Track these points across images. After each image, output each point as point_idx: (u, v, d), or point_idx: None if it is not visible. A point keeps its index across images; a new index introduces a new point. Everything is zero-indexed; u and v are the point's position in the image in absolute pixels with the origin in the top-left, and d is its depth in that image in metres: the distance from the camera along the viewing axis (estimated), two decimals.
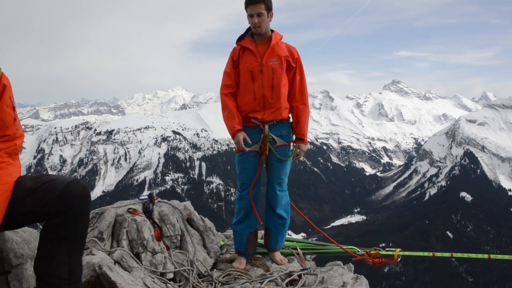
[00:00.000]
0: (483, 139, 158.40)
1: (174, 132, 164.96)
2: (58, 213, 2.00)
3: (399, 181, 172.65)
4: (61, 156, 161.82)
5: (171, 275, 3.47)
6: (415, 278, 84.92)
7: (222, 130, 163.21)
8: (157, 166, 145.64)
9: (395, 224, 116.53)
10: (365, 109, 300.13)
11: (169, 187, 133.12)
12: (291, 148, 3.95)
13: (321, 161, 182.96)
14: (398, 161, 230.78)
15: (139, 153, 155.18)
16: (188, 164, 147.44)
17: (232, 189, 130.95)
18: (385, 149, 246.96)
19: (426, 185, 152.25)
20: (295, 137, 3.95)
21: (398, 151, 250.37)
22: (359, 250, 4.24)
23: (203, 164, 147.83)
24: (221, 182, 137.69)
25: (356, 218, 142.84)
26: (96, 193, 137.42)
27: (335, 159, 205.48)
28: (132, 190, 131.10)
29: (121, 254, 3.24)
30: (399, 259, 4.01)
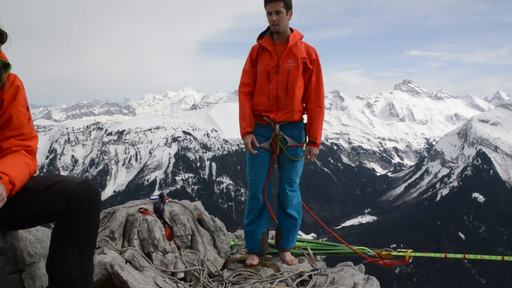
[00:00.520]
0: (496, 139, 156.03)
1: (184, 132, 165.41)
2: (68, 213, 2.04)
3: (410, 181, 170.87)
4: (72, 156, 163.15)
5: (181, 275, 3.50)
6: (426, 279, 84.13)
7: (232, 130, 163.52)
8: (168, 166, 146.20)
9: (406, 225, 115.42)
10: (375, 109, 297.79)
11: (179, 187, 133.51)
12: (303, 149, 3.93)
13: (332, 161, 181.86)
14: (409, 162, 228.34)
15: (150, 153, 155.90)
16: (198, 164, 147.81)
17: (242, 189, 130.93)
18: (396, 149, 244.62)
19: (437, 185, 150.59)
20: (307, 139, 3.92)
21: (409, 151, 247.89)
22: (370, 250, 4.21)
23: (213, 164, 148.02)
24: (231, 182, 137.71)
25: (366, 218, 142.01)
26: (107, 193, 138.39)
27: (345, 159, 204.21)
28: (142, 190, 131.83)
29: (132, 253, 3.26)
30: (411, 260, 3.96)
